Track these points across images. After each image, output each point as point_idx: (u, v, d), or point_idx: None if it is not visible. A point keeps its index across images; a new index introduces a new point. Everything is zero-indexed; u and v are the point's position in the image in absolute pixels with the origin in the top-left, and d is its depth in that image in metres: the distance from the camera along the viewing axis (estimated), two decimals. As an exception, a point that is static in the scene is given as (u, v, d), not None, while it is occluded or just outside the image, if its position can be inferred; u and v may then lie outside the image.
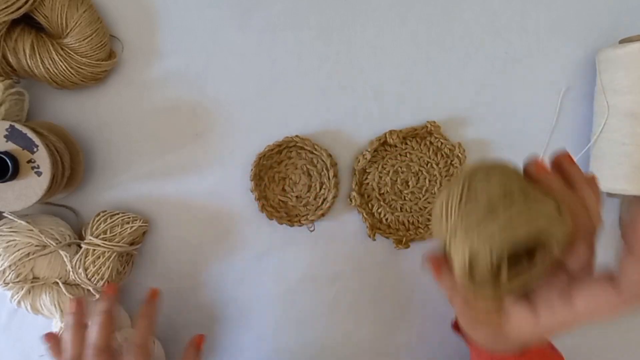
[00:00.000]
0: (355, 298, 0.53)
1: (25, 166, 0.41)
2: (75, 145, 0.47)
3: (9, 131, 0.40)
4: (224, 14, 0.50)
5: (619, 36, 0.49)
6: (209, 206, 0.51)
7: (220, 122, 0.51)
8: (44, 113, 0.49)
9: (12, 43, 0.44)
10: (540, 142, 0.53)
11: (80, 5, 0.45)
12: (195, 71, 0.50)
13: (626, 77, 0.46)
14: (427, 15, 0.51)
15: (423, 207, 0.52)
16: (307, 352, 0.53)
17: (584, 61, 0.52)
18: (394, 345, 0.54)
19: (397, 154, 0.52)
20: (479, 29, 0.52)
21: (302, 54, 0.51)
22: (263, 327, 0.53)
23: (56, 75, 0.45)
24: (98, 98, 0.49)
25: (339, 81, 0.51)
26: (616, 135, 0.47)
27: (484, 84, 0.52)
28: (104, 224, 0.46)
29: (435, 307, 0.54)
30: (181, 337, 0.52)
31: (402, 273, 0.53)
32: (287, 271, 0.52)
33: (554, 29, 0.52)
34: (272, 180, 0.51)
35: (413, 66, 0.52)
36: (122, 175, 0.50)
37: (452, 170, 0.52)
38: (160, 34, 0.50)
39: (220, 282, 0.52)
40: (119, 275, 0.46)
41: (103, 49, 0.46)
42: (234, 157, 0.51)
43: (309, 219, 0.51)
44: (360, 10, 0.51)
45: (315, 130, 0.51)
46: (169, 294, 0.52)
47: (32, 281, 0.45)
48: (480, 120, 0.52)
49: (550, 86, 0.52)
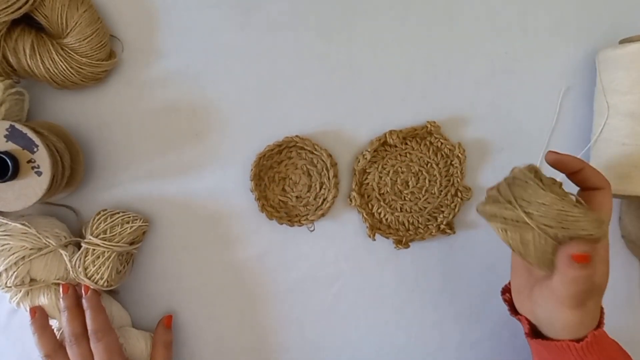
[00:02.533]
0: (355, 298, 0.53)
1: (25, 166, 0.41)
2: (75, 145, 0.47)
3: (9, 131, 0.40)
4: (224, 14, 0.50)
5: (619, 36, 0.49)
6: (209, 206, 0.51)
7: (220, 122, 0.51)
8: (44, 113, 0.49)
9: (12, 43, 0.44)
10: (540, 142, 0.53)
11: (80, 5, 0.45)
12: (195, 71, 0.50)
13: (626, 77, 0.46)
14: (427, 15, 0.51)
15: (423, 207, 0.52)
16: (307, 352, 0.54)
17: (584, 61, 0.52)
18: (394, 345, 0.54)
19: (397, 154, 0.52)
20: (479, 29, 0.52)
21: (302, 54, 0.51)
22: (263, 327, 0.53)
23: (56, 75, 0.45)
24: (98, 98, 0.49)
25: (339, 81, 0.51)
26: (616, 135, 0.47)
27: (484, 84, 0.52)
28: (104, 224, 0.46)
29: (434, 307, 0.54)
30: (181, 337, 0.52)
31: (402, 273, 0.53)
32: (287, 271, 0.52)
33: (554, 29, 0.52)
34: (272, 180, 0.51)
35: (413, 66, 0.52)
36: (122, 175, 0.50)
37: (452, 170, 0.52)
38: (160, 34, 0.50)
39: (220, 283, 0.52)
40: (118, 275, 0.46)
41: (103, 49, 0.46)
42: (234, 157, 0.51)
43: (309, 219, 0.51)
44: (360, 10, 0.51)
45: (315, 130, 0.51)
46: (168, 294, 0.52)
47: (29, 284, 0.45)
48: (480, 120, 0.52)
49: (550, 86, 0.52)
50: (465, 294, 0.54)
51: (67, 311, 0.45)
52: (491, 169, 0.53)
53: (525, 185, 0.35)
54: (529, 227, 0.34)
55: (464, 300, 0.54)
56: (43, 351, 0.45)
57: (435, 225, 0.52)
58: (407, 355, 0.54)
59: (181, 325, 0.52)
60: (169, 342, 0.49)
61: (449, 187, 0.52)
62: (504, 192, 0.36)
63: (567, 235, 0.34)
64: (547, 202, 0.34)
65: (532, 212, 0.34)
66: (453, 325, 0.54)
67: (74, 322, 0.45)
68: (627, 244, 0.53)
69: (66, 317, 0.45)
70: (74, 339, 0.45)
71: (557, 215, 0.34)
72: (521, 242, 0.35)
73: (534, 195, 0.35)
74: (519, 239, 0.35)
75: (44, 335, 0.45)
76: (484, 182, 0.53)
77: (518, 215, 0.35)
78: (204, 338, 0.53)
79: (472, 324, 0.54)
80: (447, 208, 0.52)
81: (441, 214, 0.52)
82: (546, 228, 0.34)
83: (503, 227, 0.35)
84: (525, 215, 0.34)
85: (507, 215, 0.35)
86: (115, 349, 0.45)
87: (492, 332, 0.54)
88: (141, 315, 0.51)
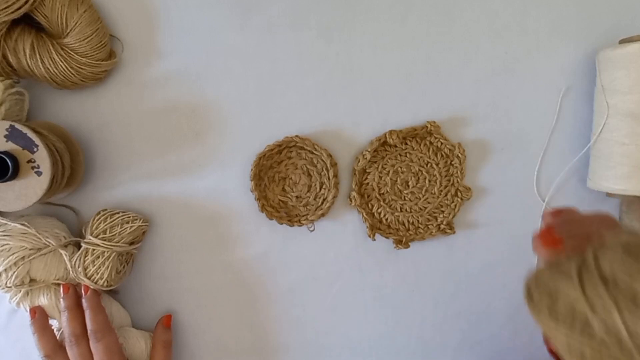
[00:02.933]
0: (355, 298, 0.53)
1: (25, 166, 0.41)
2: (75, 145, 0.47)
3: (9, 131, 0.40)
4: (224, 14, 0.50)
5: (619, 36, 0.49)
6: (209, 206, 0.51)
7: (220, 122, 0.51)
8: (44, 113, 0.49)
9: (12, 43, 0.44)
10: (540, 142, 0.53)
11: (80, 5, 0.45)
12: (195, 71, 0.50)
13: (626, 77, 0.46)
14: (427, 15, 0.51)
15: (423, 207, 0.52)
16: (307, 352, 0.53)
17: (584, 61, 0.52)
18: (394, 345, 0.54)
19: (397, 154, 0.52)
20: (479, 29, 0.52)
21: (302, 54, 0.51)
22: (263, 327, 0.53)
23: (56, 75, 0.45)
24: (98, 98, 0.49)
25: (339, 81, 0.51)
26: (616, 135, 0.47)
27: (484, 84, 0.52)
28: (104, 224, 0.46)
29: (434, 308, 0.54)
30: (181, 337, 0.52)
31: (402, 273, 0.53)
32: (287, 271, 0.52)
33: (554, 29, 0.52)
34: (272, 180, 0.51)
35: (413, 66, 0.52)
36: (122, 175, 0.50)
37: (452, 170, 0.52)
38: (160, 34, 0.50)
39: (220, 283, 0.52)
40: (118, 275, 0.46)
41: (103, 49, 0.46)
42: (234, 157, 0.51)
43: (309, 219, 0.51)
44: (360, 10, 0.51)
45: (315, 130, 0.51)
46: (168, 294, 0.52)
47: (29, 284, 0.45)
48: (480, 120, 0.52)
49: (550, 86, 0.52)
50: (465, 294, 0.54)
51: (67, 311, 0.45)
52: (491, 169, 0.53)
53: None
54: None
55: (464, 300, 0.54)
56: (43, 351, 0.45)
57: (435, 225, 0.52)
58: (407, 355, 0.54)
59: (181, 325, 0.52)
60: (168, 342, 0.49)
61: (449, 187, 0.52)
62: (606, 317, 0.19)
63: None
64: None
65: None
66: (453, 325, 0.54)
67: (73, 323, 0.45)
68: (627, 244, 0.53)
69: (66, 317, 0.45)
70: (73, 339, 0.45)
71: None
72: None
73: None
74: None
75: (43, 335, 0.46)
76: (484, 182, 0.53)
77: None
78: (204, 338, 0.53)
79: (472, 324, 0.54)
80: (447, 208, 0.52)
81: (441, 214, 0.52)
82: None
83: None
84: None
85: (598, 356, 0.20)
86: (115, 349, 0.45)
87: (492, 332, 0.54)
88: (141, 315, 0.51)
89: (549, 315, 0.21)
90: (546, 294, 0.21)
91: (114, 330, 0.46)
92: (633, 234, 0.21)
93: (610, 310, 0.19)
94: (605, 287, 0.19)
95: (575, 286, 0.20)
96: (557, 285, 0.21)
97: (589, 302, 0.19)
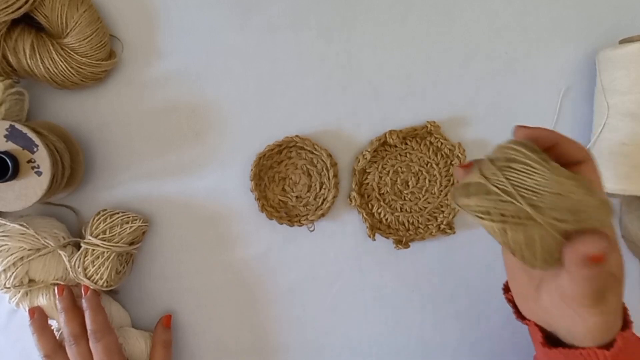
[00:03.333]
0: (355, 298, 0.53)
1: (25, 166, 0.41)
2: (75, 145, 0.47)
3: (9, 131, 0.40)
4: (224, 14, 0.50)
5: (619, 36, 0.49)
6: (209, 206, 0.51)
7: (220, 122, 0.51)
8: (44, 113, 0.49)
9: (12, 43, 0.44)
10: (540, 142, 0.53)
11: (80, 5, 0.45)
12: (195, 71, 0.50)
13: (626, 77, 0.46)
14: (427, 15, 0.51)
15: (423, 207, 0.52)
16: (307, 352, 0.53)
17: (584, 61, 0.52)
18: (394, 345, 0.54)
19: (397, 154, 0.52)
20: (479, 29, 0.52)
21: (302, 54, 0.51)
22: (263, 327, 0.53)
23: (56, 75, 0.45)
24: (98, 98, 0.49)
25: (339, 81, 0.51)
26: (616, 135, 0.47)
27: (484, 84, 0.52)
28: (104, 224, 0.46)
29: (434, 308, 0.54)
30: (181, 337, 0.52)
31: (402, 273, 0.53)
32: (287, 271, 0.52)
33: (554, 29, 0.52)
34: (272, 180, 0.51)
35: (413, 66, 0.52)
36: (122, 175, 0.50)
37: (452, 170, 0.52)
38: (160, 34, 0.50)
39: (220, 282, 0.52)
40: (118, 275, 0.46)
41: (103, 49, 0.46)
42: (234, 157, 0.51)
43: (309, 219, 0.51)
44: (360, 10, 0.51)
45: (315, 130, 0.51)
46: (168, 294, 0.52)
47: (28, 284, 0.45)
48: (480, 120, 0.52)
49: (550, 86, 0.52)
50: (465, 294, 0.54)
51: (64, 312, 0.45)
52: (491, 169, 0.53)
53: (527, 169, 0.28)
54: (535, 224, 0.28)
55: (463, 300, 0.54)
56: (43, 351, 0.46)
57: (435, 225, 0.52)
58: (407, 355, 0.54)
59: (181, 325, 0.52)
60: (168, 342, 0.49)
61: (449, 187, 0.52)
62: (496, 178, 0.29)
63: (580, 228, 0.28)
64: (563, 191, 0.27)
65: (541, 204, 0.27)
66: (453, 325, 0.54)
67: (72, 323, 0.45)
68: (627, 244, 0.53)
69: (64, 318, 0.45)
70: (73, 340, 0.45)
71: (572, 207, 0.27)
72: (525, 243, 0.28)
73: (542, 182, 0.27)
74: (523, 239, 0.28)
75: (43, 335, 0.46)
76: (484, 182, 0.53)
77: (522, 210, 0.28)
78: (203, 338, 0.53)
79: (472, 324, 0.54)
80: (447, 208, 0.52)
81: (441, 214, 0.52)
82: (558, 223, 0.27)
83: (501, 226, 0.28)
84: (533, 209, 0.27)
85: (506, 210, 0.28)
86: (114, 349, 0.45)
87: (492, 332, 0.54)
88: (141, 315, 0.51)
89: (466, 198, 0.30)
90: (462, 188, 0.31)
91: (114, 330, 0.46)
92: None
93: (496, 173, 0.29)
94: (492, 164, 0.29)
95: (477, 174, 0.30)
96: (467, 179, 0.31)
97: (485, 176, 0.29)
